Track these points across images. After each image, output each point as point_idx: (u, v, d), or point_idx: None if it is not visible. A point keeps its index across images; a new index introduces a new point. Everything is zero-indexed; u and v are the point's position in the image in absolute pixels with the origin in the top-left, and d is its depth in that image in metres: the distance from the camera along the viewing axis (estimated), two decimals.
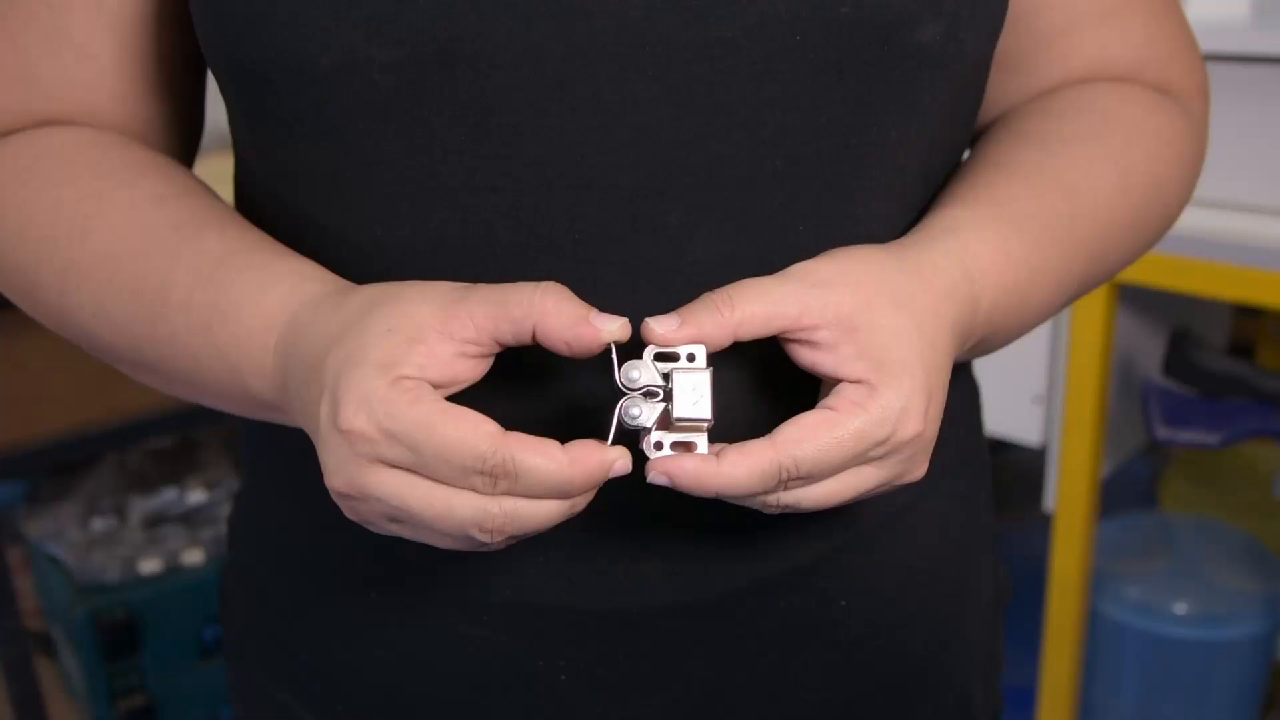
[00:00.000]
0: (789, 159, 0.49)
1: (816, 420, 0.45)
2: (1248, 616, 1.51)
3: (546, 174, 0.48)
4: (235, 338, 0.50)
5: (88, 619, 1.74)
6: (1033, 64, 0.62)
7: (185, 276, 0.51)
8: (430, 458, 0.42)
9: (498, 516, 0.43)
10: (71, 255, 0.54)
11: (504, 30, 0.46)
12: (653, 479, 0.45)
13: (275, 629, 0.63)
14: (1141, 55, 0.63)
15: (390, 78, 0.46)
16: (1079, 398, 1.38)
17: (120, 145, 0.57)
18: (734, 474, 0.44)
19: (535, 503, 0.43)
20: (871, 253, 0.49)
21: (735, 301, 0.46)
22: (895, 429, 0.45)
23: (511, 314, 0.44)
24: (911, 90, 0.50)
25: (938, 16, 0.49)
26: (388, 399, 0.43)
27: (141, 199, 0.54)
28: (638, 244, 0.49)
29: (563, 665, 0.56)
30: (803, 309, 0.46)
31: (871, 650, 0.60)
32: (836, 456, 0.45)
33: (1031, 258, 0.53)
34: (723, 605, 0.56)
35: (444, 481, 0.43)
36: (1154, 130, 0.60)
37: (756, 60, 0.47)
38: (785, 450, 0.44)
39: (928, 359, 0.47)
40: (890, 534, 0.59)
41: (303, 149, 0.50)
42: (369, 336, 0.44)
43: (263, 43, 0.48)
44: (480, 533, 0.43)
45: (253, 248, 0.52)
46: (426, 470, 0.43)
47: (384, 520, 0.45)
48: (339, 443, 0.44)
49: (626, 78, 0.47)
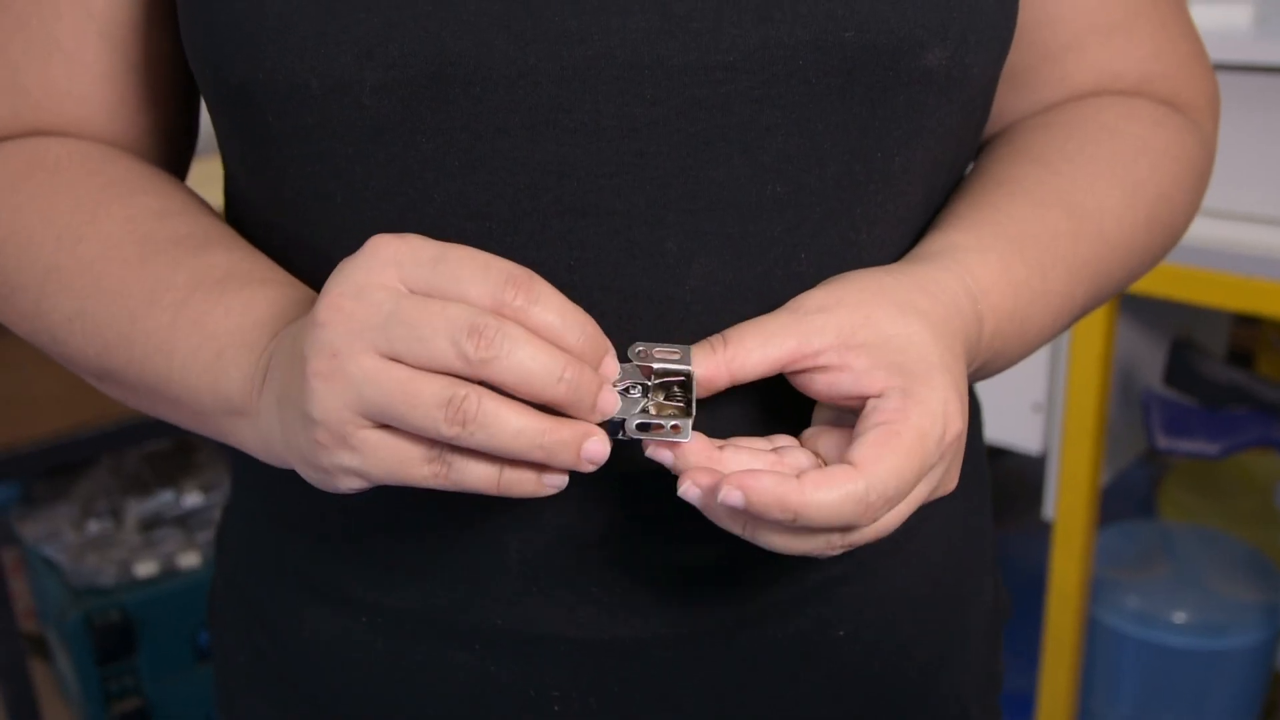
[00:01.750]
0: (790, 185, 0.48)
1: (878, 435, 0.42)
2: (1247, 626, 1.51)
3: (542, 199, 0.47)
4: (224, 328, 0.48)
5: (83, 622, 1.73)
6: (1038, 79, 0.61)
7: (186, 279, 0.50)
8: (454, 266, 0.41)
9: (469, 399, 0.40)
10: (58, 259, 0.52)
11: (499, 53, 0.45)
12: (724, 498, 0.41)
13: (262, 645, 0.63)
14: (1149, 69, 0.62)
15: (381, 100, 0.46)
16: (1079, 406, 1.38)
17: (115, 158, 0.56)
18: (818, 497, 0.41)
19: (507, 410, 0.41)
20: (867, 272, 0.48)
21: (730, 339, 0.46)
22: (946, 423, 0.44)
23: None
24: (917, 115, 0.49)
25: (944, 41, 0.48)
26: (409, 244, 0.41)
27: (140, 213, 0.53)
28: (635, 271, 0.48)
29: (555, 695, 0.55)
30: (800, 339, 0.45)
31: (869, 675, 0.59)
32: (913, 465, 0.42)
33: (1033, 280, 0.52)
34: (717, 635, 0.55)
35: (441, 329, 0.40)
36: (1160, 145, 0.59)
37: (758, 85, 0.46)
38: (870, 470, 0.41)
39: (948, 360, 0.46)
40: (891, 560, 0.58)
41: (292, 170, 0.49)
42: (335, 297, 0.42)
43: (252, 64, 0.47)
44: (445, 421, 0.40)
45: (255, 266, 0.51)
46: (438, 292, 0.41)
47: (347, 456, 0.42)
48: (320, 352, 0.41)
49: (625, 101, 0.46)
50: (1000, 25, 0.52)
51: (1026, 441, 1.47)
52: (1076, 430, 1.39)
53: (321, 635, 0.59)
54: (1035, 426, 1.46)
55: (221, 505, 1.90)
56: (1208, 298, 1.28)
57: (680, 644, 0.55)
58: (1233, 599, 1.53)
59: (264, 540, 0.62)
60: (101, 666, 1.77)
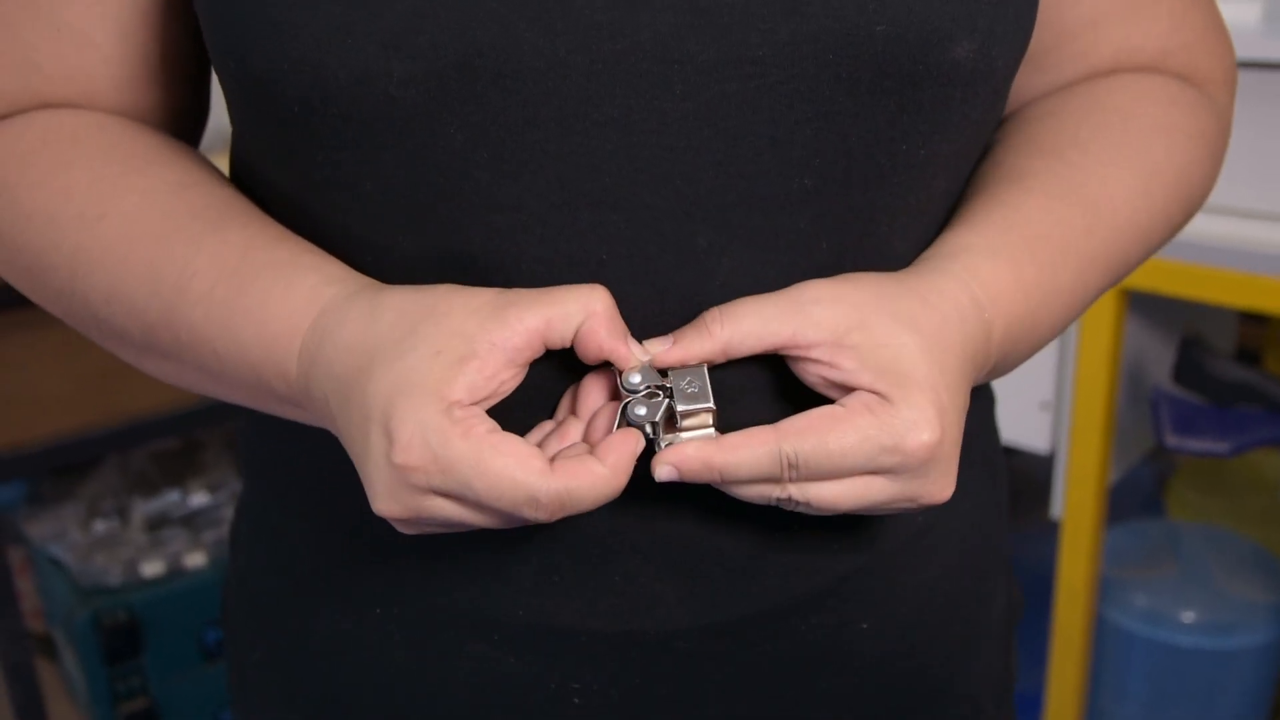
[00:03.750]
0: (818, 178, 0.48)
1: (822, 414, 0.46)
2: (1255, 625, 1.50)
3: (571, 193, 0.47)
4: (258, 338, 0.49)
5: (89, 621, 1.73)
6: (1058, 59, 0.61)
7: (208, 266, 0.50)
8: (483, 495, 0.44)
9: (552, 496, 0.44)
10: (81, 239, 0.52)
11: (528, 45, 0.45)
12: (662, 475, 0.46)
13: (277, 642, 0.63)
14: (1167, 43, 0.61)
15: (409, 92, 0.45)
16: (1087, 404, 1.38)
17: (132, 130, 0.56)
18: (735, 455, 0.45)
19: (589, 499, 0.45)
20: (873, 276, 0.49)
21: (726, 320, 0.47)
22: (903, 437, 0.45)
23: (567, 311, 0.45)
24: (943, 108, 0.49)
25: (972, 33, 0.48)
26: (441, 429, 0.43)
27: (158, 185, 0.53)
28: (665, 265, 0.48)
29: (575, 688, 0.55)
30: (795, 329, 0.47)
31: (889, 672, 0.59)
32: (838, 454, 0.45)
33: (1044, 280, 0.52)
34: (739, 628, 0.55)
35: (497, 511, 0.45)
36: (1175, 124, 0.59)
37: (787, 79, 0.46)
38: (787, 438, 0.45)
39: (936, 376, 0.46)
40: (910, 555, 0.58)
41: (320, 159, 0.49)
42: (416, 360, 0.44)
43: (277, 55, 0.46)
44: (533, 511, 0.44)
45: (274, 241, 0.51)
46: (479, 503, 0.44)
47: (435, 529, 0.47)
48: (393, 474, 0.44)
49: (655, 96, 0.46)
50: (1025, 16, 0.52)
51: (1034, 440, 1.47)
52: (1084, 429, 1.39)
53: (336, 631, 0.59)
54: (1043, 425, 1.46)
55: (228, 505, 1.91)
56: (1216, 295, 1.28)
57: (702, 637, 0.55)
58: (1241, 598, 1.53)
59: (276, 537, 0.62)
60: (108, 666, 1.77)
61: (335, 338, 0.47)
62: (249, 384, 0.51)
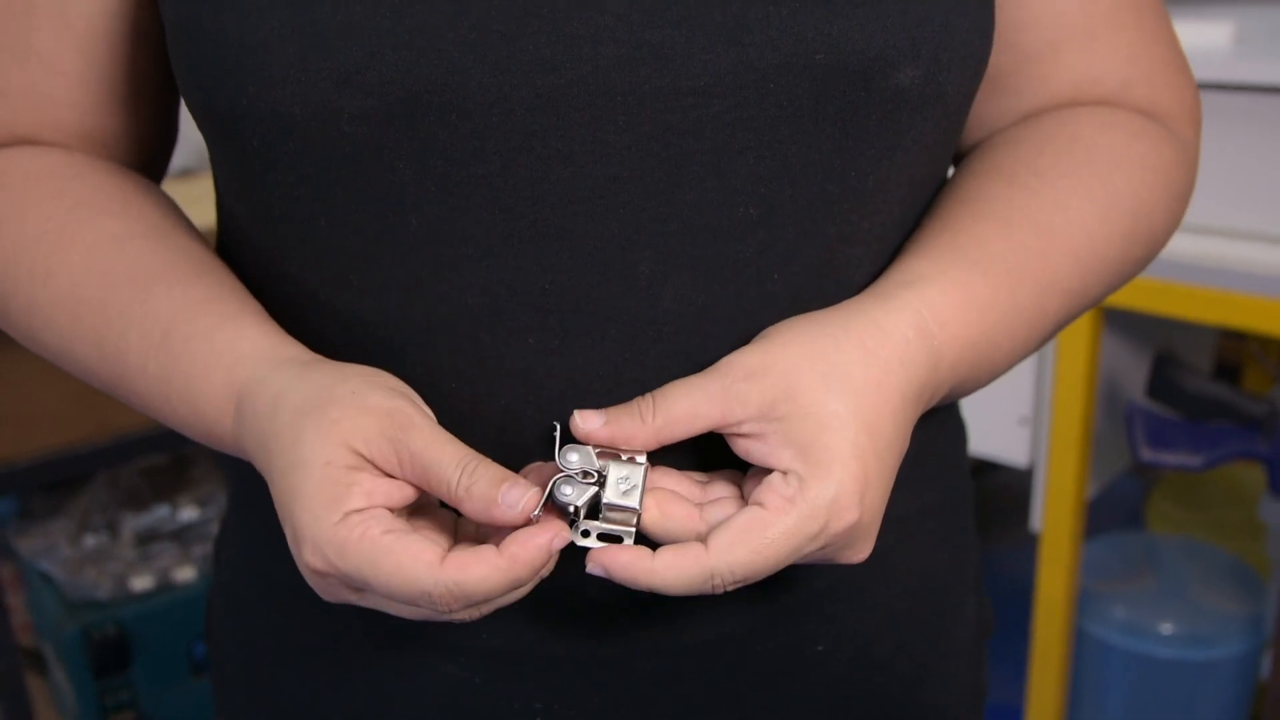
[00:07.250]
0: (763, 206, 0.49)
1: (747, 523, 0.45)
2: (1232, 637, 1.51)
3: (516, 224, 0.48)
4: (194, 414, 0.52)
5: (79, 636, 1.74)
6: (1016, 83, 0.61)
7: (139, 341, 0.52)
8: (380, 590, 0.45)
9: (443, 590, 0.45)
10: (34, 295, 0.54)
11: (474, 80, 0.46)
12: (590, 570, 0.47)
13: (256, 653, 0.64)
14: (1128, 76, 0.61)
15: (359, 127, 0.46)
16: (1065, 419, 1.39)
17: (86, 171, 0.57)
18: (666, 576, 0.45)
19: (482, 590, 0.45)
20: (808, 331, 0.49)
21: (658, 406, 0.48)
22: (827, 522, 0.46)
23: (435, 488, 0.46)
24: (891, 134, 0.50)
25: (916, 61, 0.48)
26: (335, 541, 0.45)
27: (101, 241, 0.54)
28: (608, 294, 0.49)
29: (538, 707, 0.56)
30: (724, 410, 0.47)
31: (850, 689, 0.60)
32: (770, 558, 0.45)
33: (1000, 300, 0.52)
34: (701, 649, 0.56)
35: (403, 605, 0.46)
36: (1136, 157, 0.58)
37: (729, 108, 0.47)
38: (719, 557, 0.45)
39: (863, 443, 0.46)
40: (871, 576, 0.59)
41: (279, 195, 0.50)
42: (307, 474, 0.46)
43: (237, 91, 0.48)
44: (430, 604, 0.45)
45: (197, 308, 0.52)
46: (387, 598, 0.46)
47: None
48: (307, 572, 0.47)
49: (597, 127, 0.46)
50: (975, 44, 0.52)
51: (1013, 455, 1.48)
52: (1063, 443, 1.40)
53: (313, 644, 0.60)
54: (1022, 440, 1.47)
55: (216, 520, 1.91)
56: (1189, 312, 1.30)
57: (664, 658, 0.56)
58: (1219, 610, 1.54)
59: (258, 552, 0.63)
60: (98, 680, 1.77)
61: (250, 427, 0.49)
62: (205, 437, 0.53)
